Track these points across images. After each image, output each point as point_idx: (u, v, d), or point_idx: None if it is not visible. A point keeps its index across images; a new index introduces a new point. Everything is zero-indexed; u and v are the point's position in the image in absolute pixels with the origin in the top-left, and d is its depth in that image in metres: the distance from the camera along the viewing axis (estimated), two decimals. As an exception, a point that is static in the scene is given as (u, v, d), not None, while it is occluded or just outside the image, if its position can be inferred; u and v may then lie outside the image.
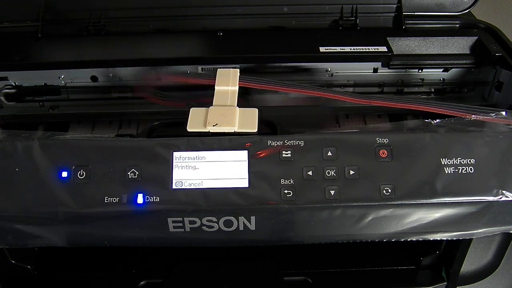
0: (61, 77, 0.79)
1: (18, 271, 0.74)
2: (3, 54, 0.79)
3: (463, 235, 0.63)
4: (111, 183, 0.59)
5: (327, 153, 0.60)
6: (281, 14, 0.86)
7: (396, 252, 0.77)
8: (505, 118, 0.64)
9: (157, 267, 0.75)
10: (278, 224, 0.60)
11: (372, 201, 0.59)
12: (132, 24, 0.85)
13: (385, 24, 0.87)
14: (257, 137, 0.61)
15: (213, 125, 0.63)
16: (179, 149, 0.60)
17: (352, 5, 0.85)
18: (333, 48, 0.78)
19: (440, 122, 0.64)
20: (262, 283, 0.72)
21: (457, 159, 0.60)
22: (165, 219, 0.59)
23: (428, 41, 0.82)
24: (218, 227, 0.60)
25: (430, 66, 0.81)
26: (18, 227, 0.60)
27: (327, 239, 0.64)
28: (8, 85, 0.80)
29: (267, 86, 0.72)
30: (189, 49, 0.84)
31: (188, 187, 0.59)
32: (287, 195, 0.59)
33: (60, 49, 0.83)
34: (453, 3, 0.87)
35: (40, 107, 0.81)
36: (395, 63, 0.79)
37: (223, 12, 0.86)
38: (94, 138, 0.63)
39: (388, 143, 0.60)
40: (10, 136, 0.62)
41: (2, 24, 0.84)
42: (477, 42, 0.82)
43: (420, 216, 0.60)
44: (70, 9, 0.85)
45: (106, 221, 0.59)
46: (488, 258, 0.74)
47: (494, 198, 0.59)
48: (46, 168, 0.59)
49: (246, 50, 0.80)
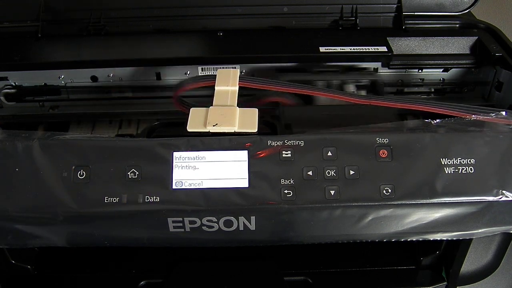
0: (61, 77, 0.80)
1: (18, 271, 0.74)
2: (3, 54, 0.79)
3: (463, 235, 0.63)
4: (111, 183, 0.58)
5: (327, 153, 0.60)
6: (281, 14, 0.86)
7: (396, 252, 0.77)
8: (505, 118, 0.63)
9: (157, 267, 0.74)
10: (278, 224, 0.60)
11: (372, 201, 0.59)
12: (132, 24, 0.85)
13: (385, 24, 0.87)
14: (257, 137, 0.61)
15: (213, 125, 0.63)
16: (179, 149, 0.60)
17: (352, 5, 0.85)
18: (333, 48, 0.78)
19: (440, 122, 0.64)
20: (262, 283, 0.72)
21: (457, 159, 0.60)
22: (165, 219, 0.59)
23: (428, 41, 0.82)
24: (218, 227, 0.60)
25: (430, 66, 0.81)
26: (18, 227, 0.59)
27: (327, 239, 0.64)
28: (8, 85, 0.80)
29: (267, 86, 0.72)
30: (189, 49, 0.84)
31: (188, 187, 0.59)
32: (287, 195, 0.58)
33: (60, 49, 0.83)
34: (453, 3, 0.87)
35: (40, 107, 0.81)
36: (395, 63, 0.79)
37: (223, 12, 0.86)
38: (94, 138, 0.62)
39: (388, 143, 0.60)
40: (10, 136, 0.61)
41: (2, 24, 0.84)
42: (477, 42, 0.82)
43: (420, 216, 0.60)
44: (70, 9, 0.85)
45: (106, 221, 0.59)
46: (488, 258, 0.74)
47: (494, 198, 0.59)
48: (46, 168, 0.59)
49: (246, 50, 0.80)
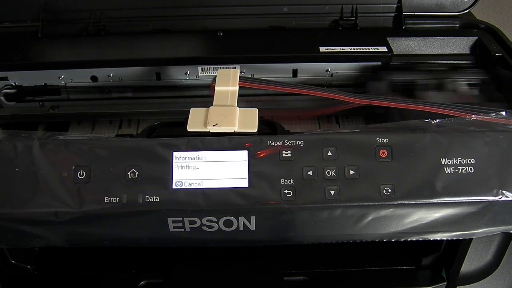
0: (61, 77, 0.79)
1: (18, 271, 0.74)
2: (3, 54, 0.79)
3: (463, 235, 0.63)
4: (111, 183, 0.58)
5: (327, 153, 0.60)
6: (281, 14, 0.86)
7: (396, 252, 0.77)
8: (505, 118, 0.63)
9: (157, 267, 0.75)
10: (278, 224, 0.60)
11: (372, 201, 0.59)
12: (132, 24, 0.85)
13: (385, 24, 0.87)
14: (257, 137, 0.61)
15: (213, 125, 0.63)
16: (179, 149, 0.60)
17: (352, 5, 0.85)
18: (333, 48, 0.78)
19: (440, 122, 0.64)
20: (262, 283, 0.72)
21: (457, 159, 0.60)
22: (165, 219, 0.59)
23: (428, 41, 0.82)
24: (218, 227, 0.60)
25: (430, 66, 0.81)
26: (18, 227, 0.59)
27: (327, 239, 0.64)
28: (8, 85, 0.80)
29: (267, 86, 0.72)
30: (189, 49, 0.84)
31: (188, 187, 0.59)
32: (287, 195, 0.58)
33: (60, 49, 0.83)
34: (453, 3, 0.87)
35: (40, 107, 0.81)
36: (395, 63, 0.79)
37: (223, 12, 0.86)
38: (94, 138, 0.63)
39: (388, 143, 0.60)
40: (10, 136, 0.61)
41: (2, 24, 0.84)
42: (477, 42, 0.82)
43: (420, 216, 0.60)
44: (70, 9, 0.85)
45: (106, 221, 0.59)
46: (488, 258, 0.74)
47: (494, 198, 0.59)
48: (46, 168, 0.59)
49: (246, 50, 0.80)
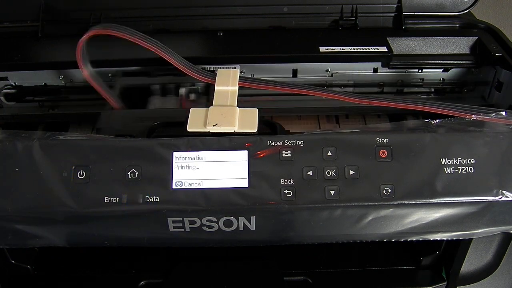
0: (61, 77, 0.80)
1: (18, 271, 0.74)
2: (3, 54, 0.79)
3: (463, 235, 0.63)
4: (111, 183, 0.58)
5: (327, 153, 0.60)
6: (281, 14, 0.86)
7: (396, 252, 0.77)
8: (505, 118, 0.63)
9: (157, 267, 0.75)
10: (278, 224, 0.60)
11: (372, 201, 0.59)
12: (132, 24, 0.85)
13: (385, 24, 0.87)
14: (257, 137, 0.61)
15: (213, 125, 0.63)
16: (179, 149, 0.60)
17: (352, 5, 0.85)
18: (333, 48, 0.78)
19: (440, 122, 0.64)
20: (262, 283, 0.72)
21: (457, 159, 0.60)
22: (165, 219, 0.59)
23: (428, 41, 0.82)
24: (218, 227, 0.60)
25: (430, 66, 0.81)
26: (18, 227, 0.60)
27: (327, 239, 0.64)
28: (8, 85, 0.80)
29: (267, 86, 0.72)
30: (189, 49, 0.84)
31: (188, 187, 0.59)
32: (287, 195, 0.58)
33: (60, 49, 0.83)
34: (453, 3, 0.87)
35: (40, 107, 0.81)
36: (395, 63, 0.79)
37: (223, 12, 0.86)
38: (94, 138, 0.63)
39: (388, 143, 0.60)
40: (10, 136, 0.62)
41: (2, 24, 0.84)
42: (477, 42, 0.82)
43: (420, 216, 0.60)
44: (70, 9, 0.85)
45: (106, 221, 0.59)
46: (488, 258, 0.74)
47: (494, 198, 0.59)
48: (46, 168, 0.59)
49: (246, 50, 0.80)
